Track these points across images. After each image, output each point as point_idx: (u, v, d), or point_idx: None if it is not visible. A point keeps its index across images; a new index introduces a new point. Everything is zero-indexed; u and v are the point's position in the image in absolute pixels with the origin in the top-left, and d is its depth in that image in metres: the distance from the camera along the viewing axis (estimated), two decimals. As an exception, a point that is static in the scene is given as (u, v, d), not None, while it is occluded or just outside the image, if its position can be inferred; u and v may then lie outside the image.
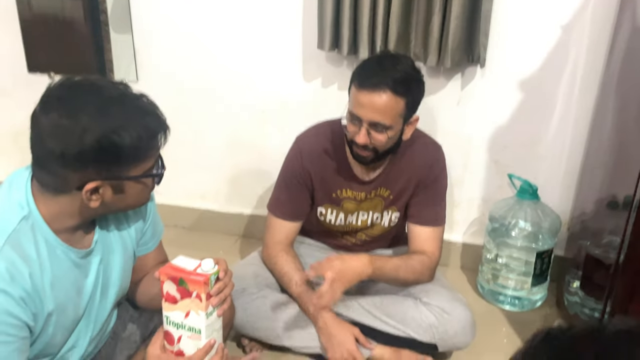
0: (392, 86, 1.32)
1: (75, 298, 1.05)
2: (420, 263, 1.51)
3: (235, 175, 2.15)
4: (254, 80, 1.99)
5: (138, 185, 1.00)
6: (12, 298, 0.90)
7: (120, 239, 1.14)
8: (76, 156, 0.90)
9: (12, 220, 0.94)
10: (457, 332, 1.46)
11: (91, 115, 0.89)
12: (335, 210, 1.58)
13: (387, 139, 1.37)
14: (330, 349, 1.45)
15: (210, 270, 1.02)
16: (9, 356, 0.91)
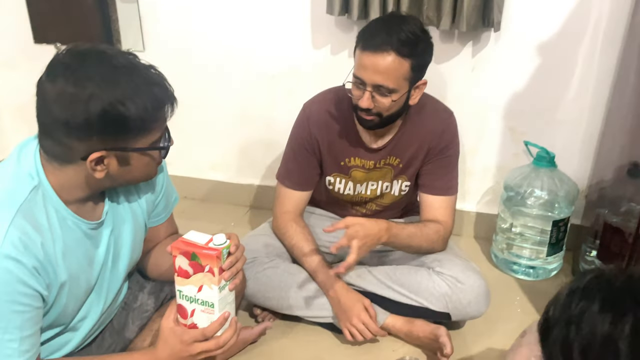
0: (397, 47, 1.27)
1: (87, 268, 1.05)
2: (435, 232, 1.49)
3: (244, 146, 2.13)
4: (261, 47, 1.95)
5: (144, 157, 0.98)
6: (26, 268, 0.90)
7: (131, 210, 1.13)
8: (81, 125, 0.88)
9: (22, 190, 0.93)
10: (470, 302, 1.45)
11: (98, 83, 0.87)
12: (344, 179, 1.55)
13: (391, 102, 1.33)
14: (342, 317, 1.44)
15: (222, 245, 1.02)
16: (23, 325, 0.92)
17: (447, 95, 1.83)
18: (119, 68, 0.90)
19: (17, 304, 0.90)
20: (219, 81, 2.04)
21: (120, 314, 1.25)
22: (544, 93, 1.80)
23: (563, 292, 0.83)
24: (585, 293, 0.79)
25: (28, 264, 0.90)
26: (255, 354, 1.47)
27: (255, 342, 1.50)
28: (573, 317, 0.79)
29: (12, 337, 0.91)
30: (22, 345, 0.92)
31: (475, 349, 1.50)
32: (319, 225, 1.65)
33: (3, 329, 0.90)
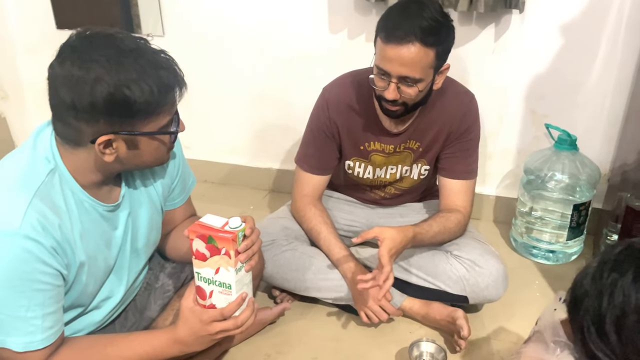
0: (421, 37, 1.25)
1: (105, 250, 1.07)
2: (456, 224, 1.49)
3: (263, 130, 2.14)
4: (279, 31, 1.95)
5: (153, 142, 0.98)
6: (45, 247, 0.92)
7: (147, 194, 1.15)
8: (87, 107, 0.89)
9: (39, 173, 0.95)
10: (488, 285, 1.45)
11: (104, 66, 0.87)
12: (363, 163, 1.55)
13: (417, 92, 1.32)
14: (358, 299, 1.46)
15: (237, 228, 1.03)
16: (45, 303, 0.94)
17: (467, 78, 1.81)
18: (126, 51, 0.90)
19: (38, 282, 0.93)
20: (237, 65, 2.05)
21: (142, 294, 1.28)
22: (567, 75, 1.77)
23: (591, 265, 0.83)
24: (616, 264, 0.79)
25: (46, 244, 0.92)
26: (274, 334, 1.49)
27: (274, 322, 1.52)
28: (605, 288, 0.79)
29: (34, 315, 0.94)
30: (45, 322, 0.95)
31: (493, 332, 1.51)
32: (337, 209, 1.67)
33: (26, 307, 0.93)
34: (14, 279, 0.91)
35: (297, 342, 1.47)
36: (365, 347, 1.46)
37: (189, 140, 2.20)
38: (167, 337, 1.07)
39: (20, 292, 0.92)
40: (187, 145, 2.22)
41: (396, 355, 1.43)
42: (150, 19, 2.05)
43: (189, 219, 1.32)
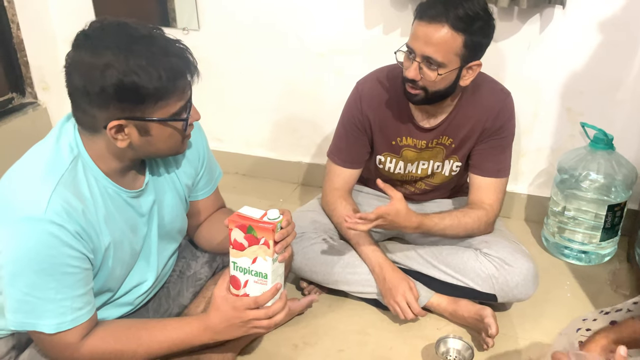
0: (452, 21, 1.25)
1: (131, 235, 1.09)
2: (475, 220, 1.48)
3: (294, 124, 2.16)
4: (314, 24, 1.96)
5: (166, 129, 0.99)
6: (69, 232, 0.95)
7: (172, 182, 1.17)
8: (99, 93, 0.90)
9: (64, 161, 0.98)
10: (518, 284, 1.43)
11: (114, 52, 0.89)
12: (394, 158, 1.55)
13: (436, 76, 1.30)
14: (386, 294, 1.46)
15: (276, 219, 1.05)
16: (73, 285, 0.98)
17: (504, 74, 1.78)
18: (137, 38, 0.91)
19: (65, 265, 0.95)
20: (271, 59, 2.06)
21: (175, 281, 1.31)
22: (605, 72, 1.73)
23: None
24: None
25: (71, 229, 0.95)
26: (301, 325, 1.51)
27: (302, 313, 1.54)
28: None
29: (64, 297, 0.97)
30: (74, 303, 0.98)
31: (521, 331, 1.49)
32: (367, 204, 1.67)
33: (55, 290, 0.96)
34: (42, 262, 0.94)
35: (324, 334, 1.49)
36: (392, 342, 1.46)
37: (222, 133, 2.25)
38: (199, 323, 1.09)
39: (49, 275, 0.95)
40: (219, 138, 2.28)
41: (422, 351, 1.43)
42: (186, 13, 2.08)
43: (219, 210, 1.34)
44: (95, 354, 1.02)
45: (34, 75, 2.33)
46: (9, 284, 0.95)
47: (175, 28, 2.09)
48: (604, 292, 1.65)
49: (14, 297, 0.96)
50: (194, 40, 2.07)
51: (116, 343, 1.04)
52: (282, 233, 1.06)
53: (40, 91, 2.36)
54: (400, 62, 1.36)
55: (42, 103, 2.37)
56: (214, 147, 2.19)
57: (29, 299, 0.95)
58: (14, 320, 0.98)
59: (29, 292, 0.95)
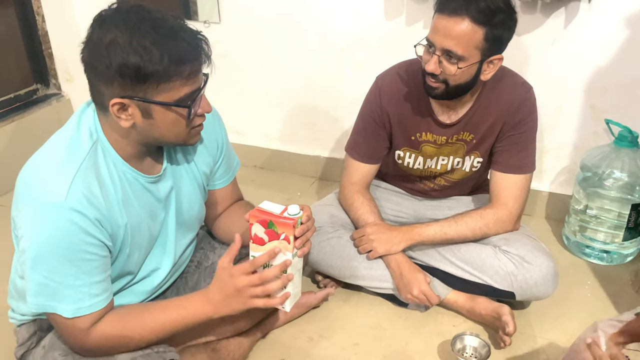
0: (473, 13, 1.23)
1: (149, 220, 1.10)
2: (494, 221, 1.46)
3: (313, 118, 2.16)
4: (334, 17, 1.95)
5: (168, 113, 0.97)
6: (89, 219, 0.96)
7: (190, 170, 1.18)
8: (104, 69, 0.91)
9: (84, 147, 0.99)
10: (537, 282, 1.41)
11: (121, 30, 0.90)
12: (413, 154, 1.54)
13: (456, 70, 1.29)
14: (403, 289, 1.46)
15: (296, 215, 1.06)
16: (92, 272, 0.99)
17: (527, 68, 1.76)
18: (147, 20, 0.91)
19: (84, 252, 0.97)
20: (291, 52, 2.06)
21: (193, 272, 1.33)
22: (631, 68, 1.69)
23: None
24: None
25: (90, 216, 0.96)
26: (317, 318, 1.52)
27: (318, 306, 1.55)
28: None
29: (82, 283, 0.99)
30: (92, 289, 1.00)
31: (540, 330, 1.48)
32: (384, 199, 1.66)
33: (74, 276, 0.98)
34: (61, 249, 0.95)
35: (340, 327, 1.49)
36: (407, 337, 1.46)
37: (241, 126, 2.26)
38: (200, 297, 1.08)
39: (68, 261, 0.96)
40: (239, 131, 2.29)
41: (438, 347, 1.42)
42: (207, 6, 2.09)
43: (237, 202, 1.35)
44: (104, 339, 1.04)
45: (58, 67, 2.37)
46: (30, 268, 0.98)
47: (197, 21, 2.10)
48: (626, 292, 1.62)
49: (35, 280, 0.98)
50: (214, 33, 2.09)
51: (123, 328, 1.05)
52: (302, 228, 1.06)
53: (64, 82, 2.41)
54: (420, 56, 1.35)
55: (65, 94, 2.41)
56: (234, 140, 2.23)
57: (49, 283, 0.97)
58: (35, 303, 1.00)
59: (48, 277, 0.97)
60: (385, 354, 1.40)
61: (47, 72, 2.37)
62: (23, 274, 1.01)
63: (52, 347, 1.10)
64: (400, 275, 1.46)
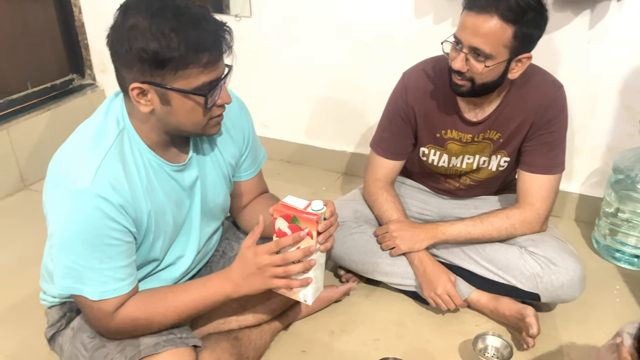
0: (502, 11, 1.21)
1: (174, 207, 1.12)
2: (520, 222, 1.44)
3: (339, 113, 2.16)
4: (363, 12, 1.94)
5: (186, 101, 0.98)
6: (113, 205, 0.99)
7: (216, 160, 1.19)
8: (124, 54, 0.93)
9: (111, 134, 1.02)
10: (563, 284, 1.39)
11: (142, 15, 0.91)
12: (438, 151, 1.53)
13: (483, 68, 1.27)
14: (426, 287, 1.45)
15: (320, 210, 1.06)
16: (116, 257, 1.02)
17: (558, 67, 1.72)
18: (170, 7, 0.92)
19: (108, 237, 0.99)
20: (319, 47, 2.07)
21: (217, 261, 1.35)
22: (670, 68, 1.64)
23: None
24: None
25: (115, 202, 0.98)
26: (338, 312, 1.53)
27: (339, 301, 1.55)
28: None
29: (107, 267, 1.01)
30: (117, 273, 1.03)
31: (564, 333, 1.45)
32: (409, 196, 1.66)
33: (99, 260, 1.00)
34: (86, 233, 0.98)
35: (361, 322, 1.49)
36: (429, 335, 1.45)
37: (269, 119, 2.28)
38: (220, 275, 1.10)
39: (93, 245, 0.99)
40: (266, 124, 2.31)
41: (460, 346, 1.41)
42: (239, 0, 2.11)
43: (262, 195, 1.36)
44: (129, 320, 1.06)
45: (93, 58, 2.43)
46: (58, 252, 1.01)
47: (228, 15, 2.12)
48: (657, 299, 1.58)
49: (62, 263, 1.01)
50: (245, 27, 2.11)
51: (146, 309, 1.07)
52: (326, 224, 1.07)
53: (98, 73, 2.47)
54: (447, 53, 1.34)
55: (100, 85, 2.47)
56: (261, 133, 2.24)
57: (75, 266, 1.01)
58: (62, 285, 1.03)
59: (74, 260, 1.00)
60: (405, 351, 1.40)
61: (83, 62, 2.44)
62: (52, 257, 1.05)
63: (80, 329, 1.14)
64: (424, 273, 1.46)
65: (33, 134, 2.16)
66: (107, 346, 1.09)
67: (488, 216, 1.47)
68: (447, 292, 1.42)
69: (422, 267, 1.46)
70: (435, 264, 1.47)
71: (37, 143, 2.17)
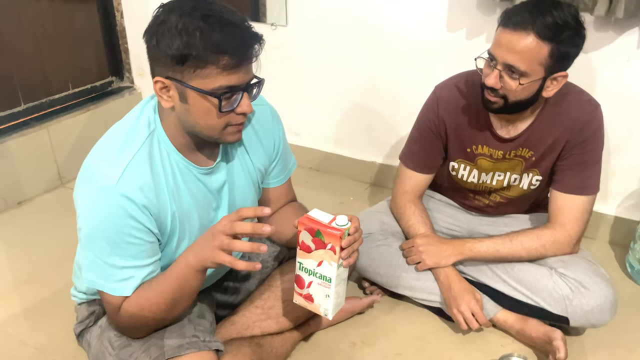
0: (538, 29, 1.19)
1: (201, 209, 1.13)
2: (550, 242, 1.41)
3: (371, 123, 2.16)
4: (397, 25, 1.94)
5: (202, 101, 0.98)
6: (136, 205, 1.01)
7: (245, 165, 1.20)
8: (152, 48, 0.97)
9: (141, 136, 1.04)
10: (593, 309, 1.35)
11: (174, 14, 0.94)
12: (468, 166, 1.51)
13: (518, 86, 1.25)
14: (451, 303, 1.43)
15: (344, 226, 1.06)
16: (137, 255, 1.04)
17: (595, 86, 1.68)
18: (200, 9, 0.94)
19: (130, 236, 1.01)
20: (353, 57, 2.07)
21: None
22: None
23: None
24: None
25: (139, 202, 1.00)
26: (361, 324, 1.52)
27: (362, 313, 1.55)
28: None
29: (127, 265, 1.03)
30: (137, 272, 1.04)
31: (593, 359, 1.41)
32: (437, 210, 1.64)
33: (120, 257, 1.03)
34: (109, 230, 1.00)
35: (383, 335, 1.48)
36: (452, 352, 1.43)
37: (300, 127, 2.30)
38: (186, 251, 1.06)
39: (115, 243, 1.01)
40: (297, 132, 2.33)
41: (483, 366, 1.39)
42: (276, 9, 2.14)
43: (290, 204, 1.37)
44: (127, 315, 1.06)
45: (132, 62, 2.50)
46: (84, 246, 1.04)
47: (265, 23, 2.16)
48: (693, 329, 1.52)
49: (88, 257, 1.05)
50: (280, 36, 2.14)
51: (137, 302, 1.06)
52: (349, 240, 1.07)
53: (137, 76, 2.53)
54: (480, 69, 1.33)
55: (137, 87, 2.54)
56: (291, 140, 2.26)
57: (98, 261, 1.03)
58: (87, 278, 1.06)
59: (97, 255, 1.03)
60: (427, 367, 1.38)
61: (122, 65, 2.51)
62: (80, 250, 1.08)
63: (108, 327, 1.16)
64: (449, 289, 1.44)
65: (72, 133, 2.23)
66: (133, 345, 1.11)
67: (518, 235, 1.45)
68: (472, 309, 1.40)
69: (448, 283, 1.44)
70: (461, 280, 1.45)
71: (75, 142, 2.24)
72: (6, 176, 2.04)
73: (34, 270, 1.73)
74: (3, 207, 2.05)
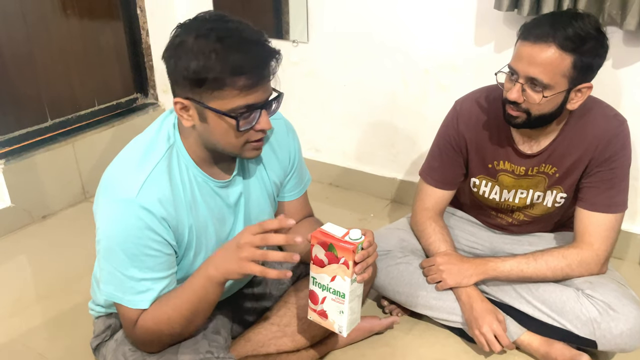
0: (560, 40, 1.17)
1: (217, 223, 1.13)
2: (577, 263, 1.37)
3: (392, 139, 2.15)
4: (421, 39, 1.94)
5: (220, 122, 0.99)
6: (156, 217, 1.01)
7: (261, 178, 1.20)
8: (172, 70, 0.97)
9: (160, 149, 1.05)
10: (622, 332, 1.29)
11: (192, 35, 0.94)
12: (490, 182, 1.48)
13: (541, 99, 1.22)
14: (472, 324, 1.39)
15: (358, 240, 1.05)
16: (155, 268, 1.04)
17: (624, 102, 1.64)
18: (217, 30, 0.94)
19: (148, 248, 1.01)
20: (375, 73, 2.07)
21: (260, 281, 1.35)
22: None
23: None
24: None
25: (158, 215, 1.01)
26: (379, 344, 1.48)
27: (381, 333, 1.51)
28: None
29: (145, 277, 1.03)
30: (155, 285, 1.04)
31: (623, 386, 1.35)
32: (459, 228, 1.61)
33: (138, 269, 1.03)
34: (127, 242, 1.01)
35: (402, 356, 1.45)
36: (473, 376, 1.39)
37: (320, 143, 2.30)
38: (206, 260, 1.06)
39: (133, 254, 1.02)
40: (317, 148, 2.33)
41: (506, 390, 1.34)
42: (298, 27, 2.16)
43: (307, 219, 1.36)
44: (143, 330, 1.06)
45: (157, 79, 2.54)
46: (103, 258, 1.05)
47: (288, 40, 2.17)
48: None
49: (106, 269, 1.05)
50: (302, 52, 2.15)
51: (153, 315, 1.05)
52: (363, 254, 1.05)
53: (161, 93, 2.57)
54: (501, 84, 1.30)
55: (161, 104, 2.58)
56: (311, 156, 2.26)
57: (116, 273, 1.04)
58: (105, 291, 1.06)
59: (116, 267, 1.03)
60: (447, 390, 1.34)
61: (147, 82, 2.56)
62: (98, 262, 1.08)
63: (123, 341, 1.17)
64: (471, 309, 1.40)
65: (96, 148, 2.27)
66: (147, 360, 1.10)
67: (543, 254, 1.40)
68: (494, 331, 1.36)
69: (470, 303, 1.40)
70: (484, 301, 1.41)
71: (99, 157, 2.28)
72: (32, 190, 2.09)
73: (55, 284, 1.75)
74: (28, 221, 2.09)
